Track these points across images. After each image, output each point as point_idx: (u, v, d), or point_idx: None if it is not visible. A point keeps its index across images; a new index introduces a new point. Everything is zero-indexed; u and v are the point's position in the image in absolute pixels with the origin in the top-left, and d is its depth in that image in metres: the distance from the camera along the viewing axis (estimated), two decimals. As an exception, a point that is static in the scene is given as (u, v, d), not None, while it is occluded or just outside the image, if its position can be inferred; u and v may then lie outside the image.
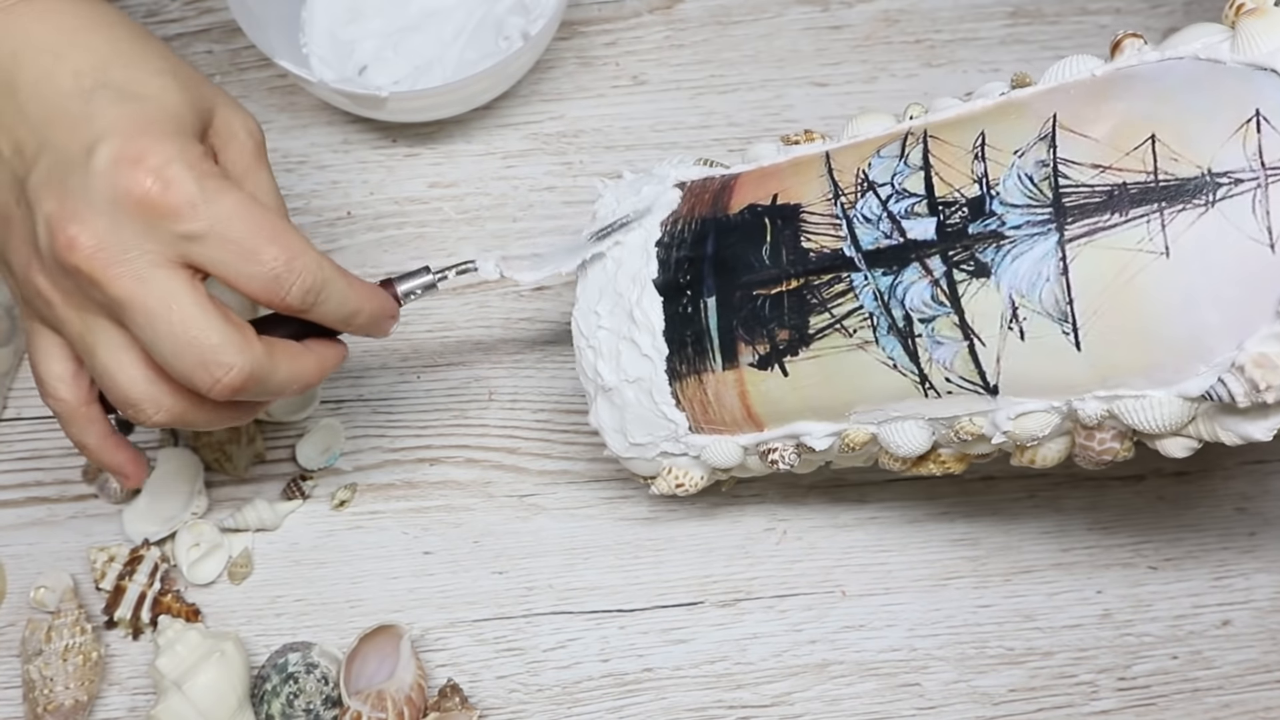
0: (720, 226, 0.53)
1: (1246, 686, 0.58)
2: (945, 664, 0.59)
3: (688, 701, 0.58)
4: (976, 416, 0.49)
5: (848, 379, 0.50)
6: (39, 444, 0.64)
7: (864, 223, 0.50)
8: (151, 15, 0.76)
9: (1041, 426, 0.48)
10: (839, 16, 0.74)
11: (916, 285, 0.48)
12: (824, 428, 0.52)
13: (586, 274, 0.56)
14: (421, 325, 0.67)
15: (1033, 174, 0.47)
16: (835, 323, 0.50)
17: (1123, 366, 0.46)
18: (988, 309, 0.47)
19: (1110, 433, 0.48)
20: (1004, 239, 0.47)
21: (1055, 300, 0.46)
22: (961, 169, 0.48)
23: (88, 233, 0.44)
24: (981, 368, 0.48)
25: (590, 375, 0.55)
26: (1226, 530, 0.61)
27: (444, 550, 0.62)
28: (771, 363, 0.51)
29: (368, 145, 0.71)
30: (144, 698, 0.59)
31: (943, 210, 0.48)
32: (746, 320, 0.52)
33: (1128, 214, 0.45)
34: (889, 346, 0.49)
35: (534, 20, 0.70)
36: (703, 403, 0.53)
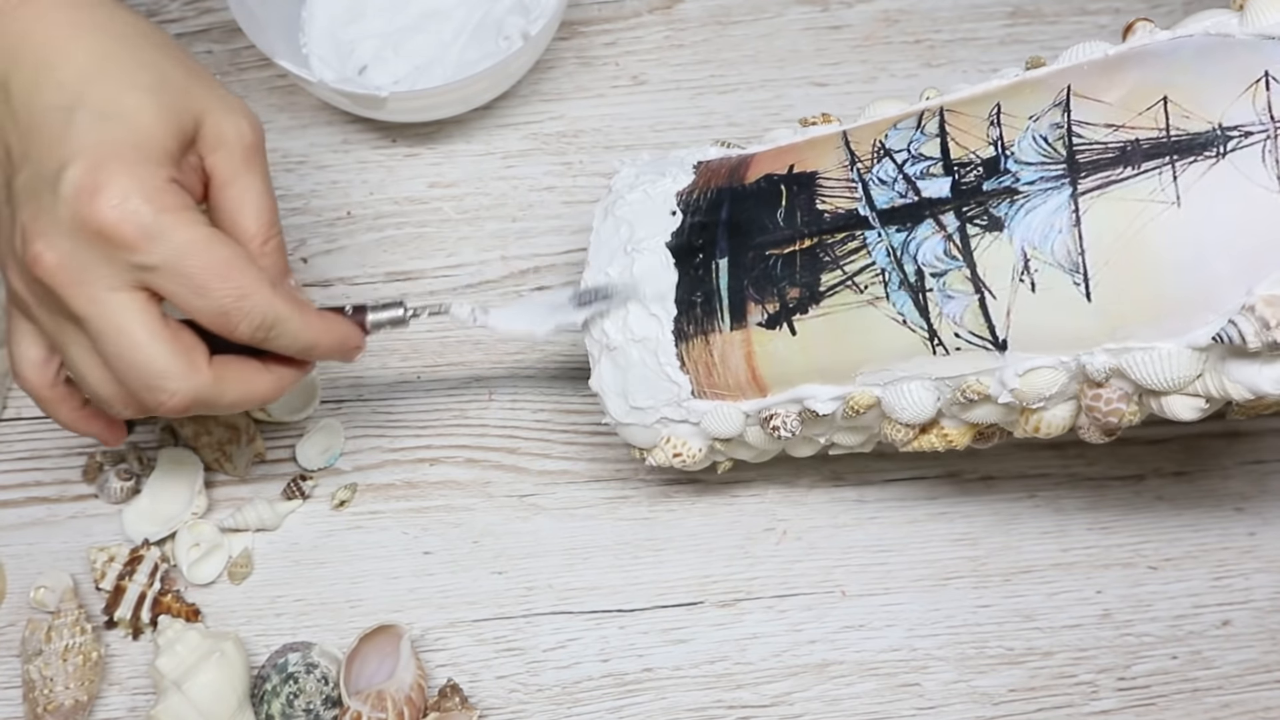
0: (736, 194, 0.54)
1: (1246, 686, 0.58)
2: (945, 664, 0.59)
3: (688, 701, 0.58)
4: (983, 375, 0.49)
5: (856, 336, 0.51)
6: (39, 444, 0.64)
7: (879, 184, 0.51)
8: (151, 15, 0.76)
9: (1049, 384, 0.48)
10: (839, 16, 0.74)
11: (929, 240, 0.49)
12: (829, 390, 0.52)
13: (599, 235, 0.56)
14: (421, 325, 0.67)
15: (1047, 135, 0.48)
16: (847, 279, 0.50)
17: (1132, 317, 0.46)
18: (999, 261, 0.48)
19: (1117, 392, 0.48)
20: (1018, 194, 0.48)
21: (1067, 251, 0.46)
22: (977, 134, 0.50)
23: (52, 251, 0.46)
24: (991, 321, 0.48)
25: (596, 335, 0.55)
26: (1226, 530, 0.61)
27: (444, 550, 0.62)
28: (780, 321, 0.52)
29: (368, 145, 0.71)
30: (144, 698, 0.59)
31: (958, 170, 0.49)
32: (757, 279, 0.52)
33: (1140, 167, 0.46)
34: (899, 302, 0.50)
35: (534, 20, 0.70)
36: (708, 365, 0.53)
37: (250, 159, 0.51)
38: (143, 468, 0.63)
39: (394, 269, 0.68)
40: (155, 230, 0.46)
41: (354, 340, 0.54)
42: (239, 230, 0.50)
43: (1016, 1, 0.74)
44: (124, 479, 0.62)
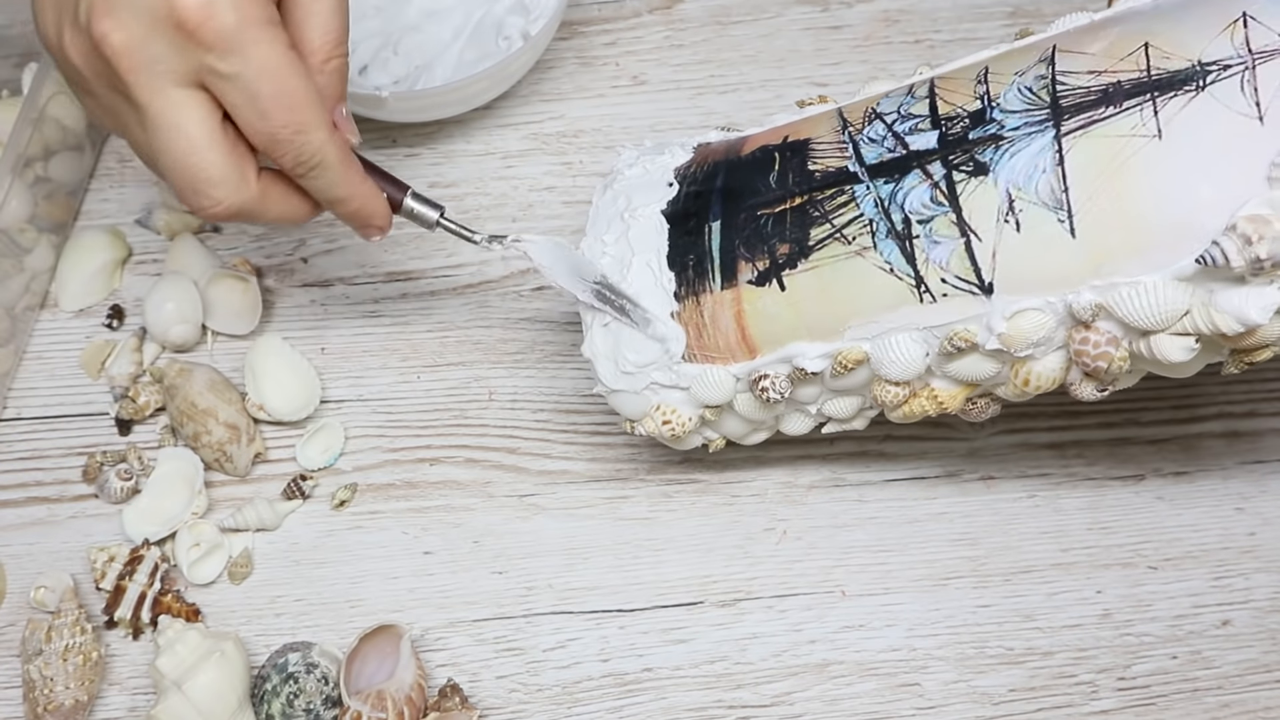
0: (731, 165, 0.55)
1: (1246, 686, 0.58)
2: (945, 664, 0.59)
3: (688, 701, 0.58)
4: (970, 322, 0.49)
5: (844, 288, 0.51)
6: (39, 444, 0.64)
7: (869, 143, 0.52)
8: (151, 15, 0.76)
9: (1036, 327, 0.48)
10: (839, 16, 0.74)
11: (916, 189, 0.50)
12: (818, 348, 0.52)
13: (597, 207, 0.57)
14: (421, 325, 0.67)
15: (1032, 85, 0.49)
16: (835, 232, 0.51)
17: (1117, 251, 0.46)
18: (985, 204, 0.48)
19: (1105, 335, 0.48)
20: (1003, 139, 0.49)
21: (1051, 189, 0.47)
22: (965, 92, 0.51)
23: (121, 32, 0.45)
24: (977, 264, 0.49)
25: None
26: (1226, 530, 0.61)
27: (444, 550, 0.62)
28: (770, 277, 0.52)
29: (368, 145, 0.71)
30: (144, 698, 0.59)
31: (945, 124, 0.50)
32: (748, 238, 0.53)
33: (1121, 105, 0.47)
34: (886, 251, 0.50)
35: (534, 20, 0.70)
36: (698, 326, 0.54)
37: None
38: (143, 468, 0.63)
39: (394, 269, 0.68)
40: (238, 41, 0.45)
41: (379, 219, 0.54)
42: (303, 43, 0.50)
43: (1016, 1, 0.74)
44: (124, 479, 0.62)
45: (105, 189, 0.71)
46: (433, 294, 0.67)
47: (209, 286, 0.66)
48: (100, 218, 0.70)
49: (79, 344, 0.67)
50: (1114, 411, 0.64)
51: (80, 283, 0.68)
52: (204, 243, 0.68)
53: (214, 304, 0.66)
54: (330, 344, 0.66)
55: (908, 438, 0.63)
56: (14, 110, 0.65)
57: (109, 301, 0.68)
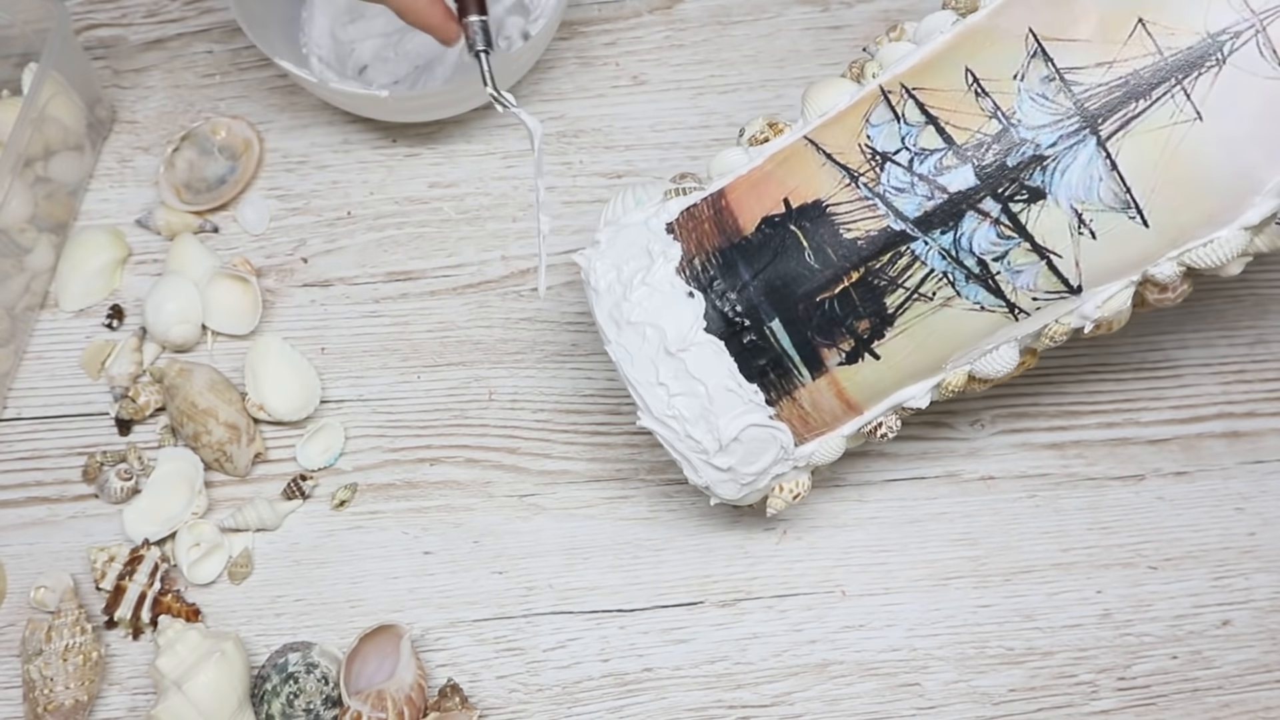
0: (744, 251, 0.52)
1: (1246, 686, 0.58)
2: (945, 664, 0.59)
3: (688, 701, 0.58)
4: (1064, 317, 0.52)
5: (940, 337, 0.52)
6: (39, 444, 0.64)
7: (897, 194, 0.51)
8: (151, 15, 0.76)
9: (1124, 301, 0.52)
10: (839, 16, 0.74)
11: (979, 230, 0.50)
12: (922, 387, 0.54)
13: (627, 356, 0.54)
14: (421, 325, 0.67)
15: (1044, 91, 0.49)
16: (912, 294, 0.51)
17: (1188, 225, 0.49)
18: (1054, 225, 0.50)
19: (1180, 280, 0.52)
20: (1045, 159, 0.49)
21: (1114, 194, 0.49)
22: (969, 110, 0.50)
23: None
24: (1064, 276, 0.50)
25: (687, 444, 0.54)
26: (1226, 530, 0.61)
27: (444, 550, 0.61)
28: (860, 354, 0.52)
29: (368, 145, 0.71)
30: (144, 698, 0.59)
31: (973, 155, 0.50)
32: (820, 327, 0.52)
33: (1151, 97, 0.48)
34: (972, 294, 0.51)
35: (534, 20, 0.70)
36: (801, 417, 0.54)
37: None
38: (143, 468, 0.63)
39: (394, 269, 0.68)
40: None
41: (440, 31, 0.60)
42: None
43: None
44: (124, 479, 0.62)
45: (105, 189, 0.71)
46: (433, 294, 0.67)
47: (209, 286, 0.66)
48: (100, 218, 0.70)
49: (79, 344, 0.67)
50: (1114, 411, 0.64)
51: (80, 283, 0.68)
52: (204, 243, 0.68)
53: (214, 304, 0.66)
54: (330, 344, 0.66)
55: (908, 438, 0.63)
56: (14, 110, 0.65)
57: (109, 301, 0.68)
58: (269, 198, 0.70)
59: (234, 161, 0.71)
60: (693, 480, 0.55)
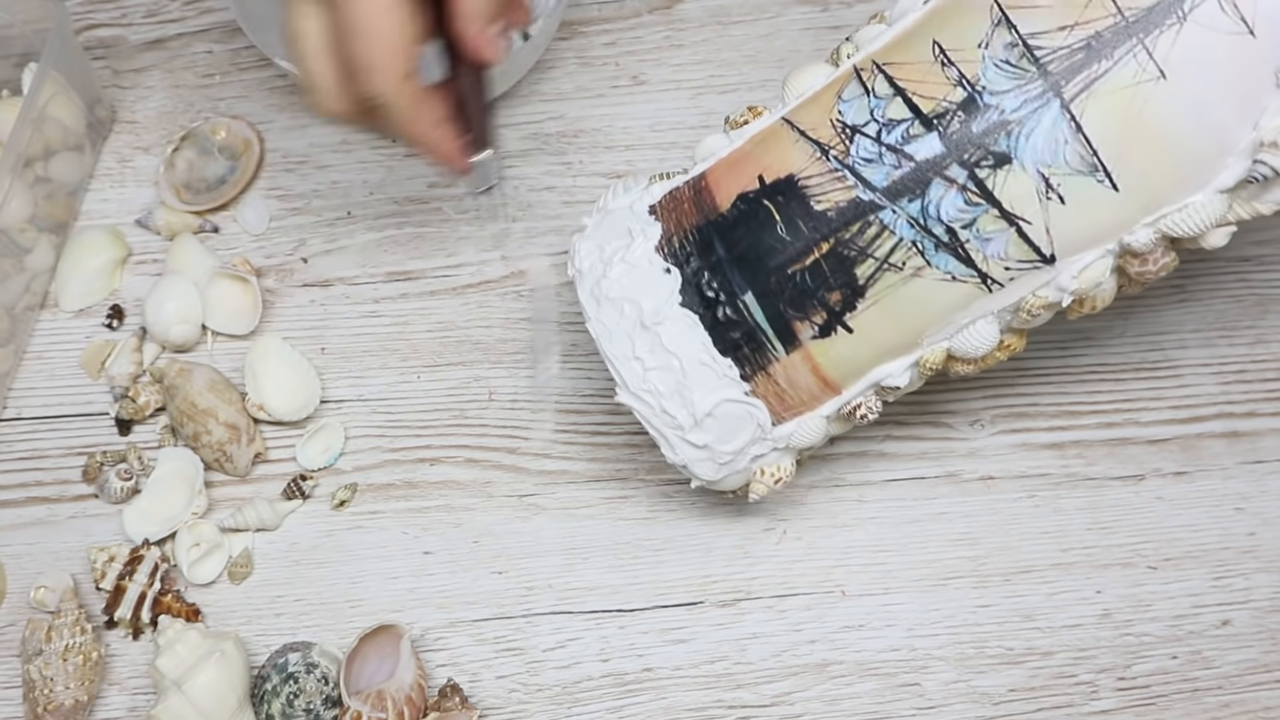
0: (720, 227, 0.53)
1: (1246, 686, 0.58)
2: (945, 664, 0.59)
3: (688, 701, 0.58)
4: (1040, 289, 0.51)
5: (913, 309, 0.52)
6: (39, 444, 0.64)
7: (866, 165, 0.51)
8: (151, 15, 0.76)
9: (1102, 272, 0.51)
10: (839, 16, 0.74)
11: (946, 197, 0.50)
12: (900, 363, 0.53)
13: (604, 329, 0.54)
14: (421, 325, 0.67)
15: (1007, 57, 0.49)
16: (882, 263, 0.51)
17: (1160, 188, 0.49)
18: (1021, 190, 0.49)
19: (1159, 256, 0.51)
20: (1010, 124, 0.49)
21: (1080, 157, 0.48)
22: (935, 80, 0.50)
23: None
24: (1034, 243, 0.50)
25: (662, 420, 0.54)
26: (1226, 530, 0.61)
27: (444, 550, 0.61)
28: (833, 326, 0.52)
29: (368, 145, 0.71)
30: (144, 698, 0.59)
31: (938, 123, 0.50)
32: (792, 299, 0.52)
33: (1113, 57, 0.48)
34: (942, 263, 0.50)
35: (534, 20, 0.70)
36: (778, 393, 0.53)
37: None
38: (143, 468, 0.63)
39: (394, 269, 0.68)
40: None
41: (448, 165, 0.57)
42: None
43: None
44: (124, 479, 0.62)
45: (105, 189, 0.71)
46: (433, 294, 0.67)
47: (209, 286, 0.66)
48: (100, 218, 0.70)
49: (79, 344, 0.67)
50: (1114, 411, 0.64)
51: (80, 283, 0.68)
52: (204, 243, 0.68)
53: (214, 304, 0.66)
54: (330, 344, 0.66)
55: (908, 438, 0.63)
56: (14, 110, 0.65)
57: (109, 301, 0.68)
58: (269, 198, 0.70)
59: (234, 161, 0.71)
60: (670, 459, 0.55)
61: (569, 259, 0.56)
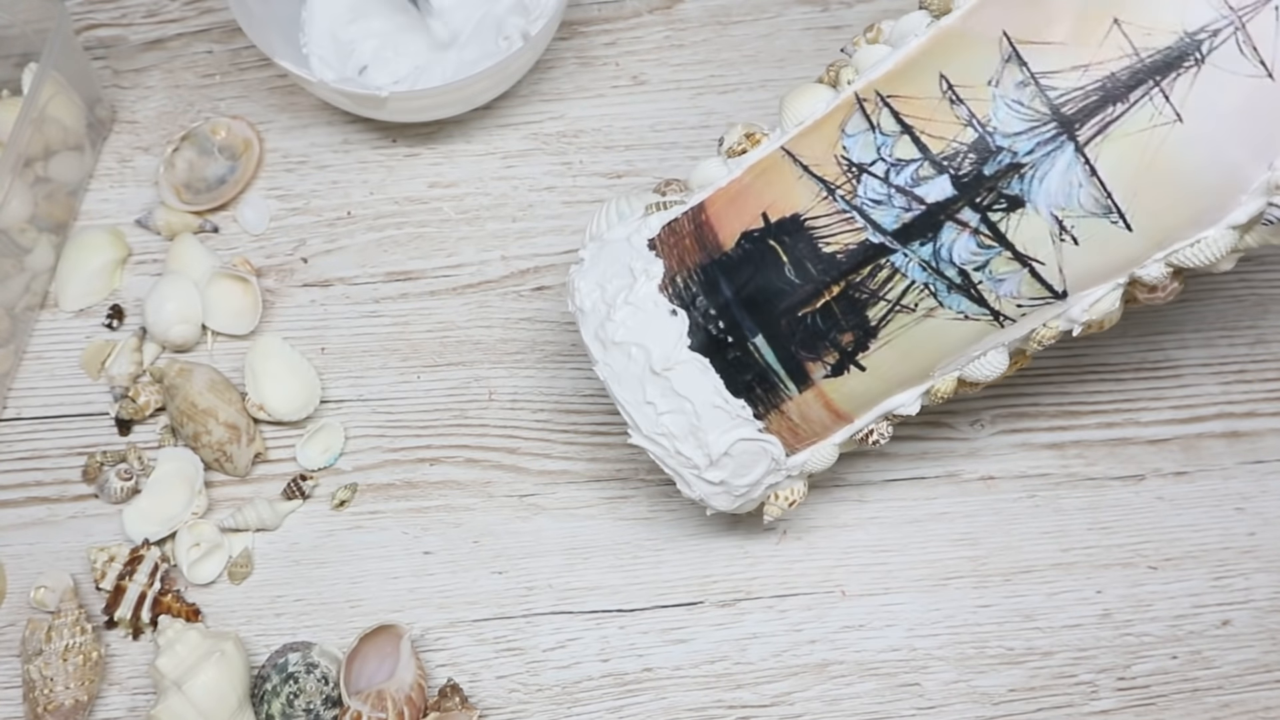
0: (725, 267, 0.52)
1: (1246, 686, 0.58)
2: (945, 664, 0.59)
3: (688, 701, 0.58)
4: (1051, 321, 0.51)
5: (926, 346, 0.52)
6: (39, 444, 0.64)
7: (875, 206, 0.50)
8: (151, 15, 0.76)
9: (1112, 303, 0.51)
10: (839, 16, 0.74)
11: (959, 241, 0.49)
12: (911, 394, 0.54)
13: (613, 374, 0.54)
14: (421, 325, 0.67)
15: (1019, 97, 0.48)
16: (894, 306, 0.51)
17: (1173, 226, 0.49)
18: (1035, 233, 0.49)
19: (1170, 284, 0.51)
20: (1023, 166, 0.48)
21: (1095, 200, 0.48)
22: (944, 119, 0.49)
23: None
24: (1047, 282, 0.50)
25: (678, 460, 0.54)
26: (1226, 530, 0.61)
27: (444, 550, 0.61)
28: (845, 366, 0.52)
29: (368, 145, 0.71)
30: (144, 698, 0.59)
31: (949, 164, 0.49)
32: (804, 341, 0.51)
33: (1129, 99, 0.47)
34: (955, 304, 0.50)
35: (534, 20, 0.70)
36: (791, 429, 0.53)
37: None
38: (143, 468, 0.63)
39: (394, 269, 0.68)
40: None
41: None
42: None
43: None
44: (124, 479, 0.62)
45: (105, 189, 0.71)
46: (433, 294, 0.67)
47: (209, 286, 0.66)
48: (100, 218, 0.70)
49: (79, 344, 0.67)
50: (1114, 411, 0.64)
51: (80, 283, 0.68)
52: (204, 243, 0.68)
53: (214, 304, 0.66)
54: (330, 344, 0.66)
55: (908, 438, 0.63)
56: (14, 110, 0.65)
57: (109, 301, 0.68)
58: (269, 198, 0.70)
59: (234, 161, 0.71)
60: (686, 494, 0.55)
61: (568, 293, 0.56)
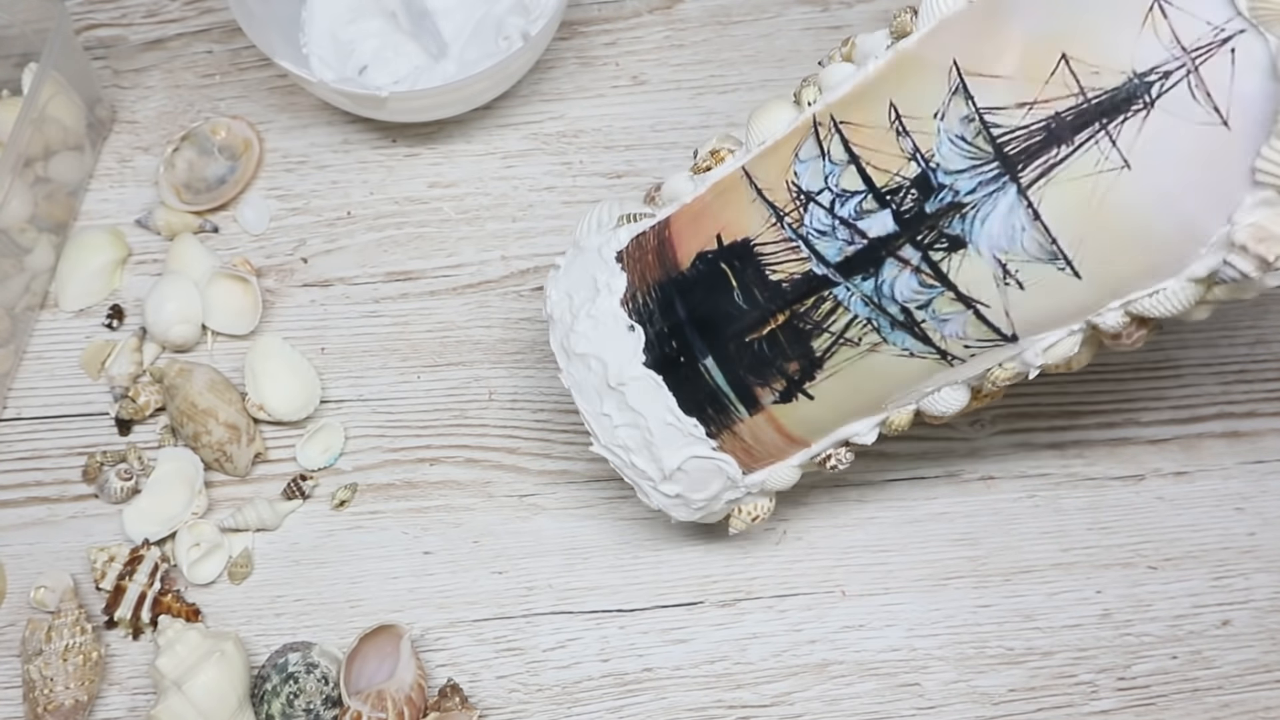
0: (680, 286, 0.52)
1: (1246, 686, 0.58)
2: (945, 664, 0.59)
3: (688, 701, 0.58)
4: (1006, 362, 0.50)
5: (873, 380, 0.51)
6: (39, 444, 0.64)
7: (819, 237, 0.49)
8: (151, 15, 0.76)
9: (1070, 348, 0.49)
10: (839, 16, 0.74)
11: (900, 278, 0.48)
12: (867, 424, 0.53)
13: (575, 382, 0.55)
14: (421, 325, 0.67)
15: (964, 133, 0.46)
16: (838, 339, 0.50)
17: (1126, 275, 0.46)
18: (977, 275, 0.47)
19: (1135, 332, 0.49)
20: (964, 206, 0.47)
21: (1038, 244, 0.46)
22: (889, 151, 0.48)
23: None
24: (993, 325, 0.48)
25: (634, 472, 0.55)
26: (1226, 530, 0.61)
27: (444, 550, 0.61)
28: (793, 394, 0.51)
29: (368, 145, 0.72)
30: (144, 698, 0.59)
31: (891, 199, 0.48)
32: (751, 366, 0.51)
33: (1074, 142, 0.45)
34: (899, 340, 0.49)
35: (534, 20, 0.70)
36: (745, 449, 0.54)
37: None
38: (143, 468, 0.63)
39: (394, 269, 0.68)
40: None
41: None
42: None
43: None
44: (124, 479, 0.62)
45: (105, 189, 0.71)
46: (433, 294, 0.67)
47: (209, 286, 0.66)
48: (100, 218, 0.70)
49: (79, 344, 0.67)
50: (1114, 411, 0.64)
51: (80, 283, 0.68)
52: (204, 243, 0.68)
53: (214, 304, 0.66)
54: (330, 344, 0.66)
55: (908, 438, 0.63)
56: (14, 110, 0.65)
57: (109, 301, 0.68)
58: (269, 198, 0.70)
59: (234, 161, 0.71)
60: (646, 504, 0.56)
61: (544, 299, 0.57)
